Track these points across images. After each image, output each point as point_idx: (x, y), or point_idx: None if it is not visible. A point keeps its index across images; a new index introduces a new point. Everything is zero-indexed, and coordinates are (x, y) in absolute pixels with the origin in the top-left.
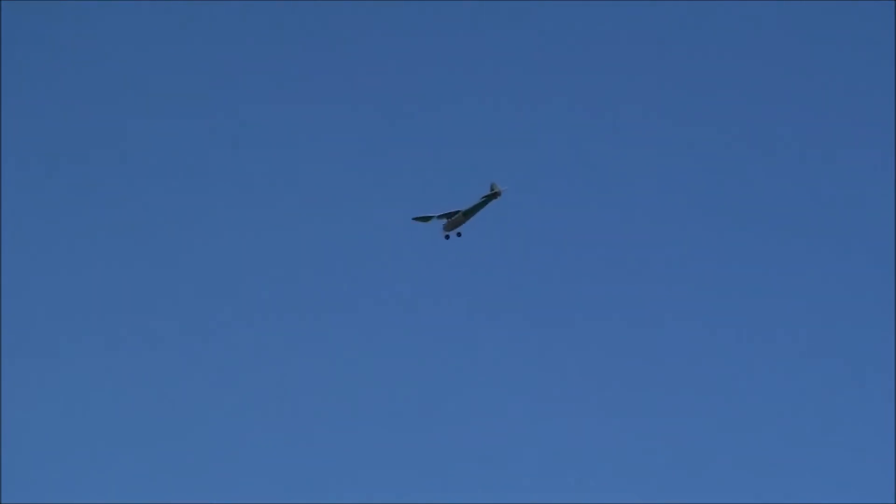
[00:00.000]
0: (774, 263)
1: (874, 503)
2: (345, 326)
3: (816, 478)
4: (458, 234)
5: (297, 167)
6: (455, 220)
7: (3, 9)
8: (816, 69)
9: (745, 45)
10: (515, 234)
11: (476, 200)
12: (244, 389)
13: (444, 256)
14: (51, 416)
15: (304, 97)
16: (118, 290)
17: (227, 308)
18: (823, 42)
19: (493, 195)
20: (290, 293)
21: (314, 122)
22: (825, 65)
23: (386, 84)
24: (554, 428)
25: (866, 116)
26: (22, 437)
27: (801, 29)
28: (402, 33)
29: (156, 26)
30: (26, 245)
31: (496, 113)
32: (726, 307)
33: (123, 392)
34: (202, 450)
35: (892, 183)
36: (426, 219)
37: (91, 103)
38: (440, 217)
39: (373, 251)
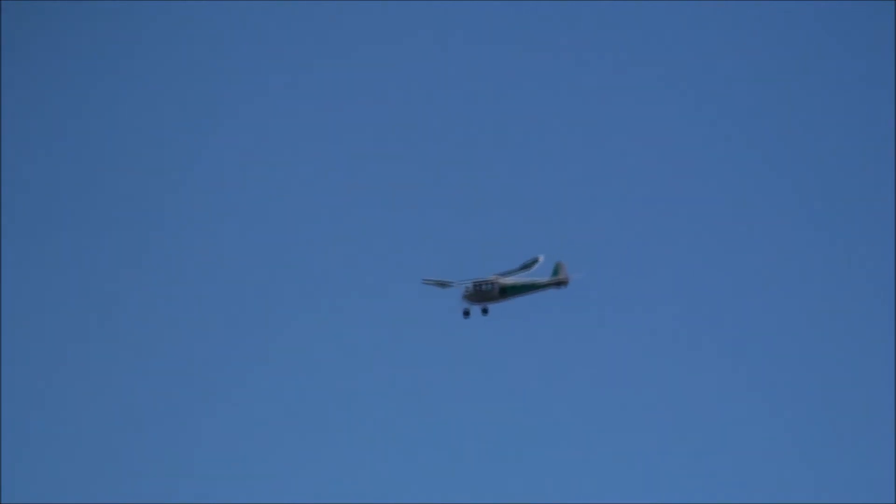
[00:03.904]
0: (774, 263)
1: (874, 503)
2: (341, 328)
3: (816, 478)
4: (484, 312)
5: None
6: (485, 293)
7: (3, 9)
8: (816, 69)
9: (745, 45)
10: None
11: (530, 278)
12: (244, 389)
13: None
14: (51, 416)
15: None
16: (117, 290)
17: (227, 308)
18: (823, 42)
19: (558, 282)
20: (287, 293)
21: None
22: (825, 65)
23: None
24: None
25: (866, 116)
26: (22, 437)
27: (801, 29)
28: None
29: (155, 26)
30: (27, 245)
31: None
32: (725, 307)
33: (122, 392)
34: (202, 449)
35: (892, 183)
36: (443, 284)
37: (90, 103)
38: (468, 287)
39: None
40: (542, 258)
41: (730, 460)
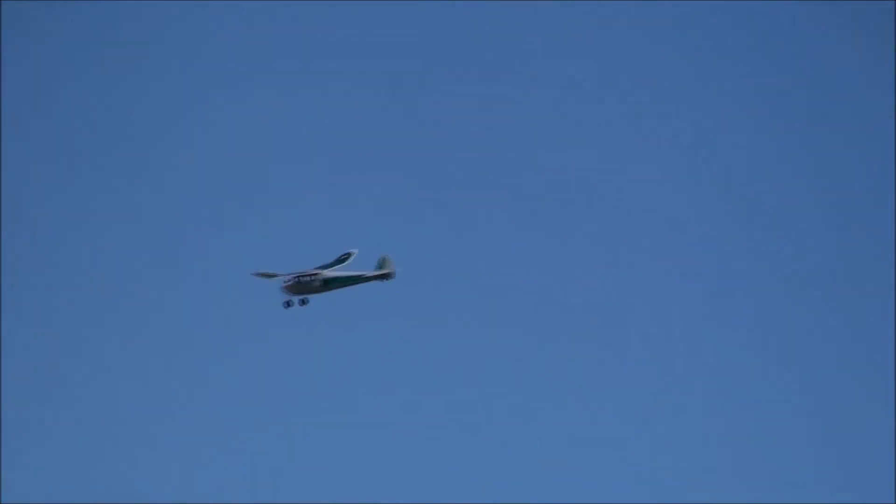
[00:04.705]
0: (774, 264)
1: (874, 503)
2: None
3: (816, 478)
4: (304, 303)
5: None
6: (307, 285)
7: (3, 9)
8: (816, 69)
9: (745, 45)
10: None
11: (351, 271)
12: (244, 389)
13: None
14: (51, 415)
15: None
16: (117, 289)
17: (227, 309)
18: (823, 42)
19: (382, 275)
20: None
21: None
22: (825, 65)
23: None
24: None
25: (866, 116)
26: (22, 437)
27: (802, 29)
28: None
29: (154, 26)
30: (26, 244)
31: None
32: (726, 307)
33: (123, 392)
34: (202, 449)
35: (892, 183)
36: (272, 276)
37: (90, 102)
38: (287, 278)
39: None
40: (356, 251)
41: (730, 460)
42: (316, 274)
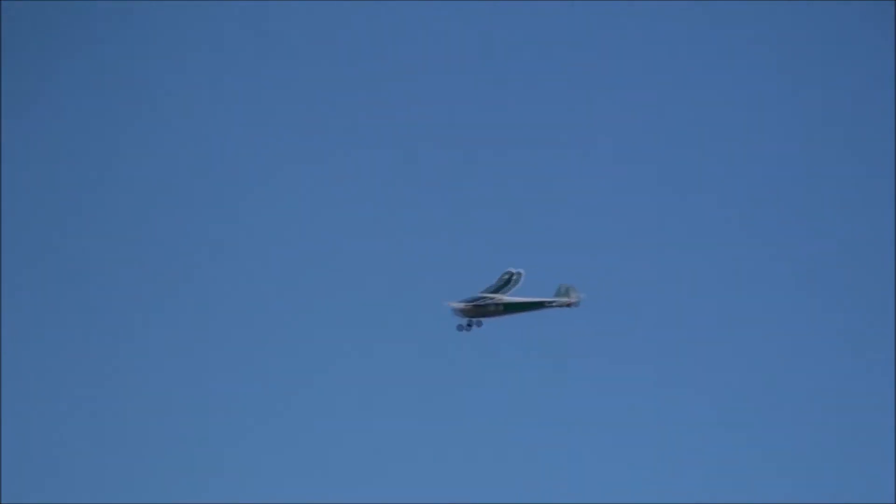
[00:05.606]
0: (774, 263)
1: (874, 503)
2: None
3: (817, 478)
4: (478, 325)
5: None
6: (486, 309)
7: (3, 9)
8: (816, 70)
9: (744, 45)
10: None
11: (530, 296)
12: (244, 389)
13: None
14: (51, 416)
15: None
16: (118, 289)
17: (229, 309)
18: (823, 42)
19: (566, 303)
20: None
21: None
22: (825, 65)
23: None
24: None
25: (866, 116)
26: (22, 437)
27: (800, 29)
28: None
29: (155, 26)
30: (27, 245)
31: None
32: (726, 305)
33: (123, 391)
34: (202, 449)
35: (892, 183)
36: (465, 308)
37: (91, 103)
38: (466, 302)
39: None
40: (522, 271)
41: (729, 460)
42: (497, 299)
